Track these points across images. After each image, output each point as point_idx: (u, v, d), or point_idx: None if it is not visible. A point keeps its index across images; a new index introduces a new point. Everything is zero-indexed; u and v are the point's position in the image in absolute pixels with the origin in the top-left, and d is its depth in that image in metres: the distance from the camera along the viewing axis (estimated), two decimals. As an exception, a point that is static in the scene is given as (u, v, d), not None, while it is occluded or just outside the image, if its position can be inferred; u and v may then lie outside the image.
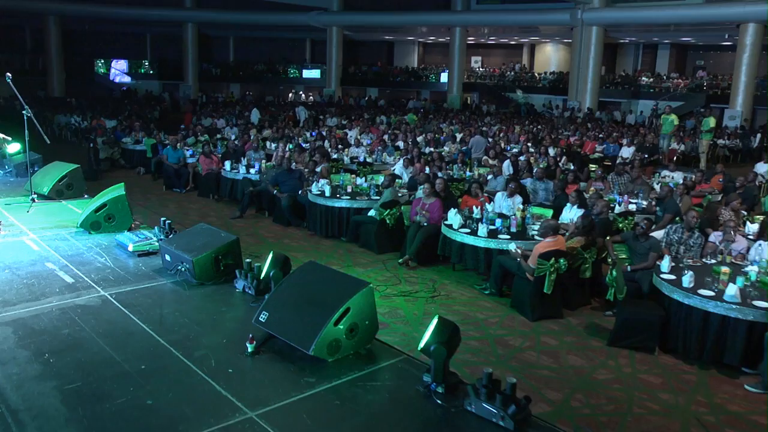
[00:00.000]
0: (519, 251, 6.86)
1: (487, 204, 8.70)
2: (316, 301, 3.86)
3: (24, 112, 7.11)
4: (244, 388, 3.40)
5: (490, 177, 11.11)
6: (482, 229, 7.57)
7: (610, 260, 7.18)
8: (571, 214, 8.39)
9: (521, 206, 8.48)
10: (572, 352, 5.87)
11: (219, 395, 3.32)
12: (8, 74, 6.77)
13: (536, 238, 7.34)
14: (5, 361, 3.65)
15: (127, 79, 38.83)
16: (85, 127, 20.02)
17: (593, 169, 13.17)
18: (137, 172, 14.65)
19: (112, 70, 39.03)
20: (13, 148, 9.11)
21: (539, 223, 7.91)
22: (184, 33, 34.65)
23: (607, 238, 7.45)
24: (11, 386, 3.36)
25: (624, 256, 7.25)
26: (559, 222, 7.72)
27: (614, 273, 6.37)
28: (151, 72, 38.98)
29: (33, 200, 7.43)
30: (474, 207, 8.38)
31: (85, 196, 8.00)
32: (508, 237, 7.48)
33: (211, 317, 4.46)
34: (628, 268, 6.84)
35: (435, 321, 3.45)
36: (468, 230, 7.70)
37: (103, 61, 38.57)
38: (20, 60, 34.13)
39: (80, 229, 6.47)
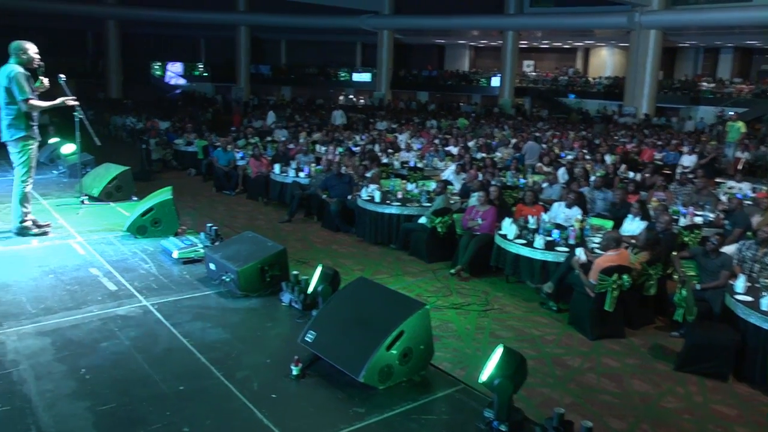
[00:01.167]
0: (585, 257, 6.48)
1: (542, 214, 8.32)
2: (367, 322, 3.59)
3: (75, 113, 7.08)
4: (288, 417, 3.15)
5: (545, 185, 10.69)
6: (538, 241, 7.20)
7: (677, 277, 6.71)
8: (632, 226, 7.94)
9: (580, 217, 8.07)
10: (636, 376, 5.46)
11: (260, 424, 3.08)
12: (61, 76, 6.74)
13: (597, 251, 6.93)
14: (41, 375, 3.50)
15: (182, 81, 39.60)
16: (139, 128, 20.33)
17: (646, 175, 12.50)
18: (188, 173, 14.72)
19: (168, 73, 39.85)
20: (68, 148, 9.18)
21: (599, 235, 7.51)
22: (237, 36, 35.20)
23: (674, 253, 6.99)
24: (44, 405, 3.19)
25: (692, 273, 6.77)
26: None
27: (684, 292, 5.94)
28: (205, 74, 39.59)
29: (83, 202, 7.41)
30: (529, 216, 8.02)
31: (134, 198, 7.96)
32: (566, 249, 7.09)
33: (255, 333, 4.24)
34: (697, 287, 6.37)
35: (499, 351, 3.12)
36: (523, 241, 7.35)
37: (159, 63, 39.43)
38: (82, 63, 35.23)
39: (127, 233, 6.38)
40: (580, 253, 6.65)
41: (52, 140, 11.20)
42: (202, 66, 40.14)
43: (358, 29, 33.41)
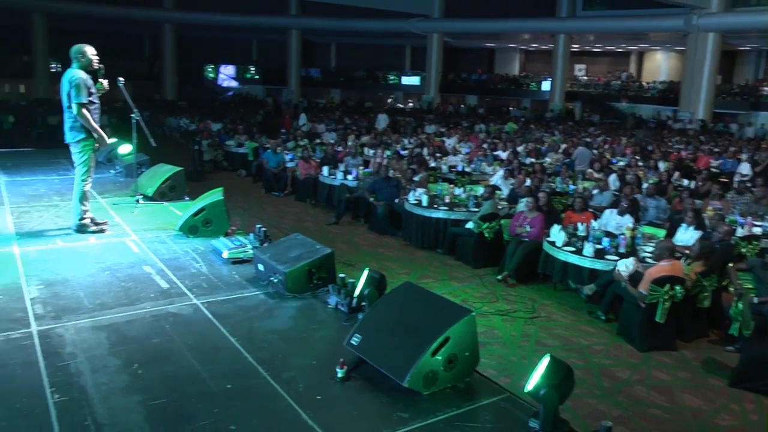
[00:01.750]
0: (635, 266, 6.34)
1: (592, 221, 8.16)
2: (413, 327, 3.58)
3: (132, 115, 7.30)
4: (332, 419, 3.18)
5: (595, 191, 10.50)
6: (588, 248, 7.07)
7: (733, 290, 6.48)
8: (686, 236, 7.72)
9: (631, 225, 7.89)
10: (688, 390, 5.30)
11: (305, 425, 3.11)
12: (120, 78, 6.96)
13: (649, 260, 6.77)
14: (97, 368, 3.62)
15: (234, 83, 40.39)
16: (192, 129, 20.79)
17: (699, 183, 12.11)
18: (238, 174, 14.99)
19: (220, 75, 40.70)
20: (125, 149, 9.45)
21: (651, 244, 7.33)
22: (289, 39, 35.72)
23: (730, 264, 6.77)
24: (99, 397, 3.30)
25: (749, 286, 6.53)
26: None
27: (740, 305, 5.74)
28: (256, 77, 40.26)
29: (138, 201, 7.62)
30: (579, 223, 7.88)
31: (186, 198, 8.14)
32: (617, 258, 6.94)
33: (301, 335, 4.28)
34: (755, 300, 6.15)
35: (546, 360, 3.08)
36: (572, 248, 7.23)
37: (212, 66, 40.31)
38: (139, 65, 36.26)
39: (179, 233, 6.54)
40: (625, 264, 6.49)
41: (110, 141, 11.55)
42: (253, 69, 40.84)
43: (408, 32, 33.45)
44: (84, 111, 6.19)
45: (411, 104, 37.29)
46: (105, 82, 6.60)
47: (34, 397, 3.29)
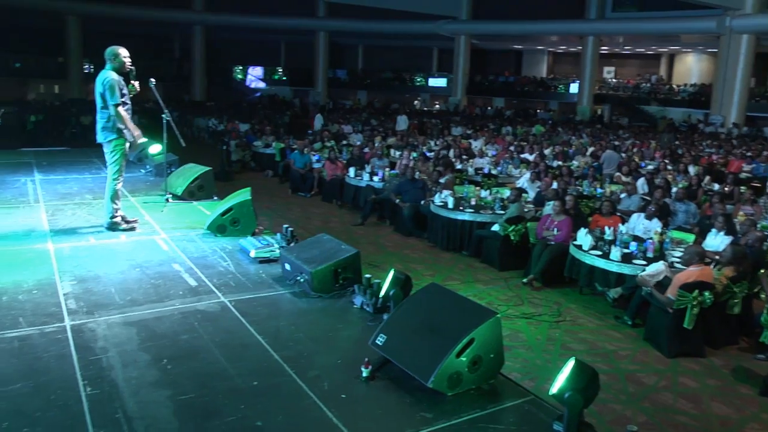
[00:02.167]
0: (663, 271, 6.27)
1: (620, 225, 8.08)
2: (438, 328, 3.60)
3: (163, 115, 7.43)
4: (357, 418, 3.22)
5: (623, 195, 10.38)
6: (615, 252, 7.00)
7: (763, 296, 6.39)
8: (716, 241, 7.60)
9: (659, 229, 7.80)
10: (716, 399, 5.21)
11: (330, 423, 3.16)
12: (152, 80, 7.09)
13: (677, 265, 6.68)
14: (127, 363, 3.71)
15: (261, 84, 40.74)
16: (220, 129, 21.01)
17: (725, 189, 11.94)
18: (265, 174, 15.11)
19: (248, 76, 41.10)
20: (155, 148, 9.61)
21: (680, 248, 7.24)
22: (316, 41, 35.89)
23: (761, 271, 6.65)
24: (130, 391, 3.39)
25: (782, 293, 6.43)
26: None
27: (771, 313, 5.63)
28: (284, 78, 40.57)
29: (167, 200, 7.75)
30: (606, 227, 7.81)
31: (215, 198, 8.25)
32: (644, 262, 6.87)
33: (327, 334, 4.33)
34: (786, 307, 6.04)
35: (571, 364, 3.07)
36: (599, 252, 7.16)
37: (240, 67, 40.73)
38: (169, 67, 36.81)
39: (207, 232, 6.63)
40: (654, 269, 6.41)
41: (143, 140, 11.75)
42: (281, 70, 41.16)
43: (435, 34, 33.42)
44: (121, 110, 6.36)
45: (437, 106, 37.22)
46: (136, 84, 6.73)
47: (67, 389, 3.38)
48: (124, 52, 6.46)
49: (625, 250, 7.10)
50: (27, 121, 23.71)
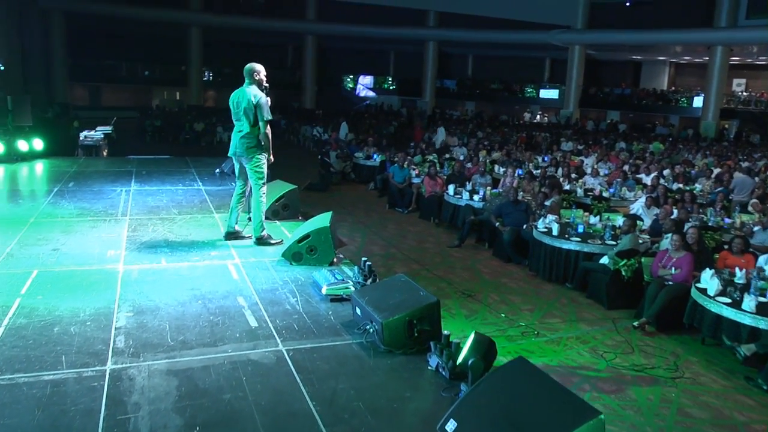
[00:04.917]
0: None
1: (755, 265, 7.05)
2: (522, 425, 2.96)
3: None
4: None
5: (756, 228, 9.16)
6: (748, 302, 6.02)
7: None
8: None
9: (802, 273, 6.72)
10: None
11: None
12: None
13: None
14: (156, 428, 3.36)
15: (371, 93, 41.03)
16: (325, 138, 21.09)
17: None
18: (368, 187, 14.79)
19: (358, 85, 41.53)
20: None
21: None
22: (425, 50, 35.78)
23: None
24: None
25: None
26: None
27: None
28: (393, 87, 40.68)
29: (249, 219, 7.55)
30: (737, 268, 6.82)
31: (300, 218, 7.98)
32: (785, 314, 5.87)
33: (391, 405, 3.78)
34: None
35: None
36: (728, 300, 6.20)
37: (351, 76, 41.22)
38: (281, 75, 37.85)
39: (282, 259, 6.33)
40: None
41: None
42: (390, 79, 41.30)
43: (548, 44, 32.23)
44: (267, 130, 6.53)
45: (546, 118, 35.92)
46: (268, 100, 6.73)
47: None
48: (262, 70, 6.57)
49: (762, 299, 6.10)
50: (147, 127, 25.05)
